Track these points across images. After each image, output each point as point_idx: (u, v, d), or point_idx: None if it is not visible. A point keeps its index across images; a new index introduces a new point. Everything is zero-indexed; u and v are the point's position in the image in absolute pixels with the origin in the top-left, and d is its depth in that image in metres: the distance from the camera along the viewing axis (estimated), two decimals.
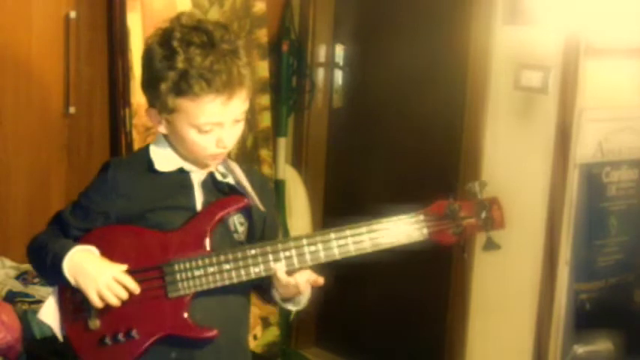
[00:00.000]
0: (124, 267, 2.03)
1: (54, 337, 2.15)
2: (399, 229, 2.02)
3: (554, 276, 3.30)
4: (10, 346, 2.98)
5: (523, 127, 3.37)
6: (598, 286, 3.41)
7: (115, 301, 2.00)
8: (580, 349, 3.39)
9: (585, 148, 3.27)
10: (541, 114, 3.31)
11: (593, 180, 3.32)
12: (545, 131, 3.29)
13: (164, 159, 2.08)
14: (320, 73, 4.22)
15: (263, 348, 3.98)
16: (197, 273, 2.01)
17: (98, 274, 2.00)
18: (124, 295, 2.01)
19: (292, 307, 2.14)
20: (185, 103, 1.97)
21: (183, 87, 1.96)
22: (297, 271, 2.03)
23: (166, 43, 1.98)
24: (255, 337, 3.92)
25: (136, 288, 2.01)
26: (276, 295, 2.11)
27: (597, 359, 3.41)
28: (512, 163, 3.41)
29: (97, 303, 2.01)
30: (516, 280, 3.41)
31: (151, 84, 2.01)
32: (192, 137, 2.01)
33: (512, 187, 3.35)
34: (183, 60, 1.95)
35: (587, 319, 3.37)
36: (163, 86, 1.97)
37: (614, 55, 3.28)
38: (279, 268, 2.01)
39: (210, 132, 2.00)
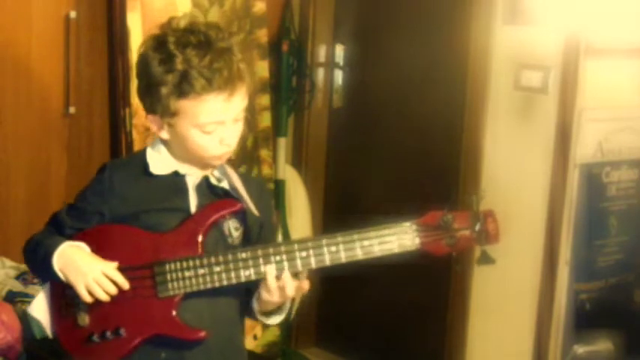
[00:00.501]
0: (115, 264, 2.03)
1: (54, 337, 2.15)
2: (391, 238, 2.00)
3: (554, 276, 3.30)
4: (10, 346, 2.98)
5: (523, 127, 3.37)
6: (598, 286, 3.41)
7: (103, 296, 2.01)
8: (580, 349, 3.38)
9: (585, 148, 3.27)
10: (541, 114, 3.31)
11: (593, 180, 3.32)
12: (545, 131, 3.29)
13: (159, 162, 2.09)
14: (320, 73, 4.22)
15: (263, 348, 3.98)
16: (187, 274, 2.01)
17: (87, 269, 2.01)
18: (113, 291, 2.01)
19: (268, 321, 2.14)
20: (187, 104, 1.98)
21: (185, 88, 1.96)
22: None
23: (162, 47, 1.99)
24: (255, 337, 3.92)
25: (124, 283, 2.02)
26: (255, 306, 2.11)
27: (597, 359, 3.41)
28: (513, 163, 3.41)
29: (86, 298, 2.01)
30: (516, 281, 3.41)
31: (149, 90, 2.02)
32: (196, 138, 2.01)
33: (513, 187, 3.35)
34: (182, 61, 1.96)
35: (587, 319, 3.37)
36: (164, 90, 1.98)
37: (614, 55, 3.28)
38: (269, 271, 2.00)
39: (212, 132, 2.00)
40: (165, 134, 2.05)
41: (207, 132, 2.00)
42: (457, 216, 2.01)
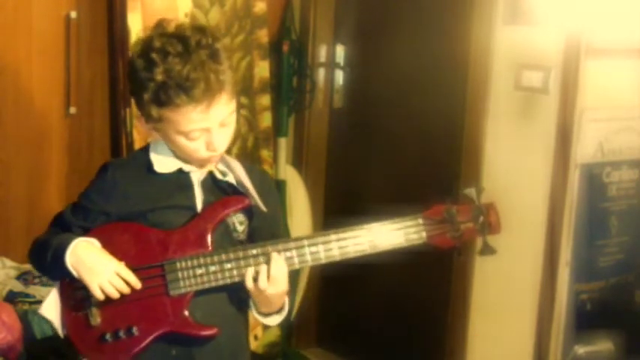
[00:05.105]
0: (123, 263, 2.03)
1: (54, 337, 2.15)
2: (399, 232, 2.06)
3: (555, 276, 3.30)
4: (10, 346, 2.98)
5: (523, 127, 3.37)
6: (599, 286, 3.41)
7: (116, 295, 2.02)
8: (581, 350, 3.38)
9: (586, 148, 3.27)
10: (542, 114, 3.31)
11: (594, 180, 3.32)
12: (545, 131, 3.29)
13: (163, 160, 2.10)
14: (320, 73, 4.22)
15: (264, 348, 3.98)
16: (199, 271, 2.03)
17: (101, 268, 2.02)
18: (126, 291, 2.02)
19: (266, 321, 2.15)
20: (168, 113, 1.99)
21: (162, 98, 1.98)
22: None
23: (146, 54, 2.00)
24: (255, 337, 3.92)
25: (137, 283, 2.03)
26: (252, 306, 2.12)
27: (598, 359, 3.41)
28: (513, 163, 3.41)
29: (100, 296, 2.02)
30: (517, 281, 3.41)
31: (136, 94, 2.04)
32: (182, 143, 2.03)
33: (513, 187, 3.35)
34: (162, 71, 1.97)
35: (588, 319, 3.37)
36: (146, 97, 2.00)
37: (614, 55, 3.27)
38: (247, 274, 2.01)
39: (198, 138, 2.01)
40: (155, 135, 2.08)
41: (193, 138, 2.01)
42: (460, 209, 2.08)
